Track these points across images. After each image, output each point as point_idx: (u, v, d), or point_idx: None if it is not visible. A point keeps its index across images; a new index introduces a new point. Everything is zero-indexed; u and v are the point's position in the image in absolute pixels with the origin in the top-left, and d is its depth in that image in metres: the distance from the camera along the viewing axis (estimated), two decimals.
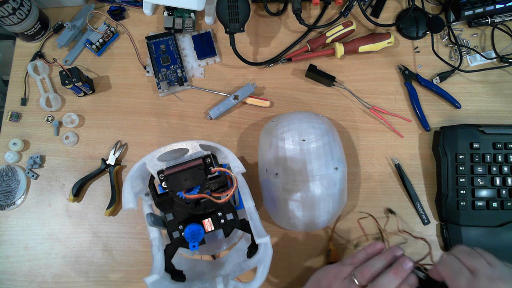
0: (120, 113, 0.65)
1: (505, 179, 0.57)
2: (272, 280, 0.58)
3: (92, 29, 0.67)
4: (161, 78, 0.64)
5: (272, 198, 0.53)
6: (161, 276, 0.41)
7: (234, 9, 0.60)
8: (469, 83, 0.64)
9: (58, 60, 0.63)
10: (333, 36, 0.64)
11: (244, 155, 0.62)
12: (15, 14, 0.60)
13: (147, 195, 0.47)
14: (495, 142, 0.58)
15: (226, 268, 0.48)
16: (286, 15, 0.68)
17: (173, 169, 0.44)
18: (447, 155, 0.58)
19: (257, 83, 0.65)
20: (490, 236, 0.56)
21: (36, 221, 0.61)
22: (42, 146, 0.64)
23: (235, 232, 0.52)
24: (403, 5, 0.68)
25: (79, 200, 0.62)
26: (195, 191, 0.43)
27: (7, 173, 0.62)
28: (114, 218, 0.61)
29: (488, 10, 0.63)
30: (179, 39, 0.67)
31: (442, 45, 0.66)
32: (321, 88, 0.65)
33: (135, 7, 0.69)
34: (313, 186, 0.50)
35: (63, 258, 0.59)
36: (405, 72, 0.64)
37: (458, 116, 0.63)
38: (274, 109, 0.64)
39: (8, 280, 0.59)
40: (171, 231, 0.45)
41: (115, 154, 0.62)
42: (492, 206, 0.57)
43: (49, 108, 0.64)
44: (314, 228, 0.53)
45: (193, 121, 0.64)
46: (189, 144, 0.45)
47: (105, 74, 0.67)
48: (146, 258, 0.59)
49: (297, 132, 0.53)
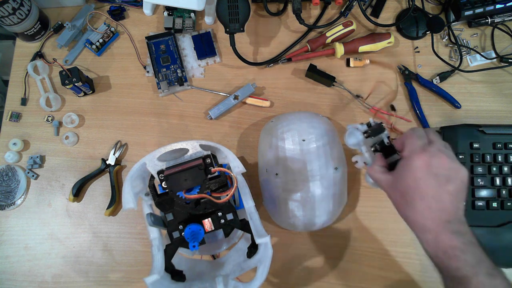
0: (120, 113, 0.65)
1: (505, 179, 0.57)
2: (272, 280, 0.58)
3: (92, 29, 0.67)
4: (161, 78, 0.64)
5: (272, 198, 0.53)
6: (161, 276, 0.41)
7: (234, 9, 0.60)
8: (469, 83, 0.64)
9: (58, 60, 0.63)
10: (333, 36, 0.64)
11: (244, 155, 0.62)
12: (15, 14, 0.60)
13: (147, 195, 0.47)
14: (495, 142, 0.58)
15: (226, 268, 0.48)
16: (286, 15, 0.68)
17: (173, 169, 0.44)
18: None
19: (257, 83, 0.65)
20: (490, 236, 0.56)
21: (36, 221, 0.61)
22: (42, 146, 0.64)
23: (235, 232, 0.52)
24: (403, 5, 0.68)
25: (79, 200, 0.62)
26: (195, 191, 0.43)
27: (7, 173, 0.62)
28: (114, 218, 0.61)
29: (488, 10, 0.63)
30: (179, 39, 0.67)
31: (442, 45, 0.66)
32: (321, 88, 0.65)
33: (135, 7, 0.69)
34: (313, 186, 0.50)
35: (63, 258, 0.59)
36: (405, 72, 0.64)
37: (458, 116, 0.63)
38: (274, 109, 0.64)
39: (8, 280, 0.59)
40: (171, 231, 0.45)
41: (115, 154, 0.62)
42: (492, 206, 0.57)
43: (49, 108, 0.64)
44: (314, 228, 0.53)
45: (193, 121, 0.64)
46: (189, 144, 0.45)
47: (105, 74, 0.67)
48: (146, 258, 0.59)
49: (297, 132, 0.53)
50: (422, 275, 0.57)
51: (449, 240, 0.39)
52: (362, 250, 0.58)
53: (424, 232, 0.40)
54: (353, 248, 0.58)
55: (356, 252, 0.58)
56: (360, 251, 0.58)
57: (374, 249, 0.58)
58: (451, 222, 0.39)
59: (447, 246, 0.39)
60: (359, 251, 0.58)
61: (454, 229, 0.39)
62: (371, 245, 0.58)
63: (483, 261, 0.38)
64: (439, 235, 0.39)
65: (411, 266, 0.57)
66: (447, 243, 0.39)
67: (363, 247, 0.58)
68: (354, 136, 0.48)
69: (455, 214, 0.40)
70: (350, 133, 0.49)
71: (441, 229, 0.39)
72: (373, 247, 0.58)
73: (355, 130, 0.48)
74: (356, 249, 0.58)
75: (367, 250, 0.58)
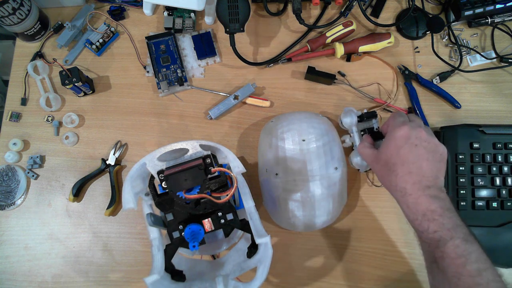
0: (120, 113, 0.65)
1: (505, 179, 0.57)
2: (272, 280, 0.58)
3: (92, 29, 0.67)
4: (161, 78, 0.64)
5: (272, 198, 0.53)
6: (161, 276, 0.41)
7: (234, 9, 0.60)
8: (469, 83, 0.64)
9: (58, 60, 0.63)
10: (333, 36, 0.64)
11: (244, 155, 0.62)
12: (15, 14, 0.60)
13: (147, 195, 0.47)
14: (495, 142, 0.58)
15: (226, 268, 0.48)
16: (286, 15, 0.68)
17: (173, 169, 0.44)
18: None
19: (257, 83, 0.65)
20: (490, 236, 0.56)
21: (36, 221, 0.61)
22: (42, 146, 0.64)
23: (235, 232, 0.52)
24: (403, 5, 0.68)
25: (79, 200, 0.62)
26: (195, 191, 0.43)
27: (7, 173, 0.62)
28: (114, 218, 0.61)
29: (488, 10, 0.63)
30: (179, 39, 0.67)
31: (442, 45, 0.66)
32: (321, 88, 0.65)
33: (135, 7, 0.69)
34: (313, 186, 0.50)
35: (63, 258, 0.59)
36: (405, 72, 0.64)
37: (458, 116, 0.63)
38: (274, 109, 0.64)
39: (8, 280, 0.59)
40: (171, 231, 0.45)
41: (115, 154, 0.62)
42: (492, 206, 0.57)
43: (49, 108, 0.64)
44: (314, 228, 0.53)
45: (193, 121, 0.64)
46: (189, 144, 0.45)
47: (105, 74, 0.67)
48: (146, 258, 0.59)
49: (297, 132, 0.53)
50: (422, 275, 0.57)
51: (428, 204, 0.42)
52: (362, 250, 0.58)
53: (404, 195, 0.43)
54: (353, 248, 0.58)
55: (356, 252, 0.58)
56: (360, 251, 0.58)
57: (374, 249, 0.58)
58: (430, 188, 0.42)
59: (425, 209, 0.42)
60: (359, 251, 0.58)
61: (432, 194, 0.42)
62: (371, 245, 0.58)
63: (460, 226, 0.40)
64: (419, 198, 0.42)
65: (411, 266, 0.57)
66: (426, 206, 0.42)
67: (363, 247, 0.58)
68: (350, 116, 0.55)
69: (434, 181, 0.43)
70: (346, 113, 0.56)
71: (421, 193, 0.42)
72: (373, 247, 0.58)
73: (351, 111, 0.56)
74: (356, 249, 0.58)
75: (367, 250, 0.58)
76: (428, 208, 0.41)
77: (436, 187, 0.43)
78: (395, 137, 0.45)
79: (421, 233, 0.42)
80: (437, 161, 0.44)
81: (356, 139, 0.55)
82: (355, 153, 0.55)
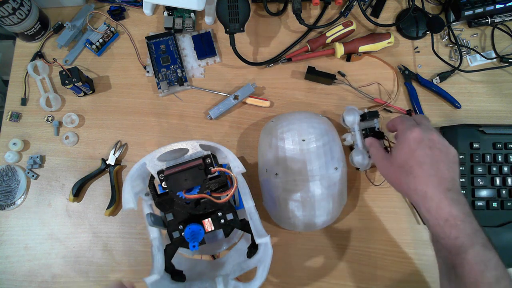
0: (120, 113, 0.65)
1: (505, 179, 0.57)
2: (272, 280, 0.58)
3: (92, 29, 0.67)
4: (161, 78, 0.64)
5: (272, 198, 0.53)
6: (161, 276, 0.41)
7: (234, 9, 0.60)
8: (469, 83, 0.64)
9: (58, 60, 0.63)
10: (333, 36, 0.64)
11: (244, 155, 0.62)
12: (15, 14, 0.60)
13: (147, 195, 0.47)
14: (495, 142, 0.58)
15: (226, 268, 0.48)
16: (286, 15, 0.68)
17: (173, 169, 0.44)
18: None
19: (257, 83, 0.65)
20: (490, 236, 0.56)
21: (36, 221, 0.61)
22: (42, 146, 0.64)
23: (235, 232, 0.52)
24: (403, 5, 0.68)
25: (79, 200, 0.62)
26: (195, 191, 0.43)
27: (7, 173, 0.62)
28: (114, 218, 0.61)
29: (488, 10, 0.63)
30: (179, 39, 0.67)
31: (442, 45, 0.66)
32: (321, 88, 0.65)
33: (135, 7, 0.69)
34: (313, 186, 0.50)
35: (63, 258, 0.59)
36: (405, 72, 0.64)
37: (458, 116, 0.63)
38: (274, 109, 0.64)
39: (8, 280, 0.59)
40: (171, 231, 0.45)
41: (115, 154, 0.62)
42: (492, 206, 0.57)
43: (49, 108, 0.64)
44: (314, 228, 0.53)
45: (193, 121, 0.64)
46: (189, 144, 0.45)
47: (105, 74, 0.67)
48: (146, 258, 0.59)
49: (297, 132, 0.53)
50: (422, 275, 0.57)
51: (450, 208, 0.40)
52: (362, 250, 0.58)
53: (425, 199, 0.41)
54: (353, 248, 0.58)
55: (356, 252, 0.58)
56: (360, 251, 0.58)
57: (374, 249, 0.58)
58: (450, 191, 0.41)
59: (448, 214, 0.40)
60: (359, 251, 0.58)
61: (453, 198, 0.40)
62: (371, 245, 0.58)
63: (479, 231, 0.40)
64: (441, 202, 0.40)
65: (411, 266, 0.57)
66: (448, 211, 0.40)
67: (363, 247, 0.58)
68: (353, 115, 0.55)
69: (453, 183, 0.42)
70: (349, 111, 0.56)
71: (443, 196, 0.40)
72: (373, 247, 0.58)
73: (354, 109, 0.56)
74: (356, 249, 0.58)
75: (367, 250, 0.58)
76: (450, 213, 0.40)
77: (455, 190, 0.41)
78: (408, 139, 0.44)
79: (442, 239, 0.41)
80: (452, 162, 0.43)
81: (357, 137, 0.55)
82: (357, 151, 0.55)
